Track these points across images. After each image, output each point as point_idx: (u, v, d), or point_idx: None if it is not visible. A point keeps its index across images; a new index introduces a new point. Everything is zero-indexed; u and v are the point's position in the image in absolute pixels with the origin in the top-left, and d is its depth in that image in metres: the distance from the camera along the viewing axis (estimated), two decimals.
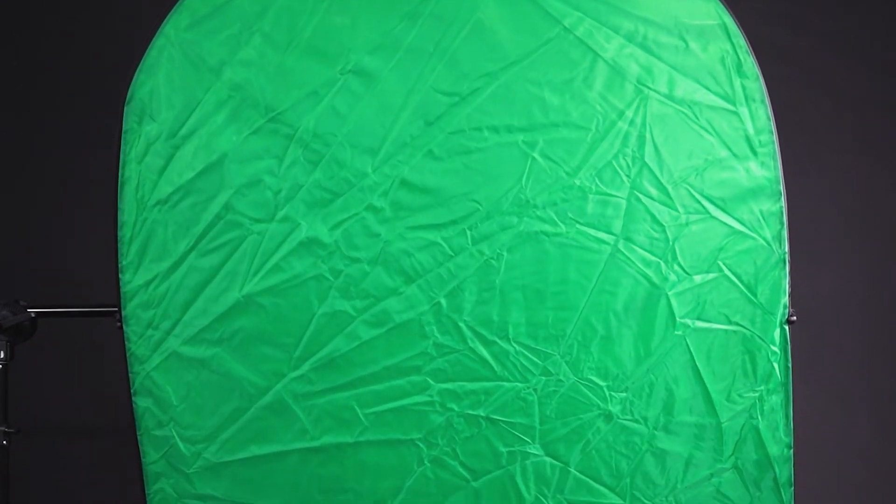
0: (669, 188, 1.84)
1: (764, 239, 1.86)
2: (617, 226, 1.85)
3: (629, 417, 1.90)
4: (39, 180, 2.88)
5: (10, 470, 1.99)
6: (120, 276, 1.88)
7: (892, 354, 2.88)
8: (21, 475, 2.09)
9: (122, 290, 1.88)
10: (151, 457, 1.93)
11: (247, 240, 1.87)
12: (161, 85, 1.85)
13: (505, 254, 1.86)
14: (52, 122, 2.87)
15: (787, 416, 1.90)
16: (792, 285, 1.87)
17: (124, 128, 1.86)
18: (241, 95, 1.85)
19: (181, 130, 1.85)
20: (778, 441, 1.90)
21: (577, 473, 1.91)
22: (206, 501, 1.94)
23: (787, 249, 1.86)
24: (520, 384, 1.89)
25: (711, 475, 1.92)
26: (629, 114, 1.84)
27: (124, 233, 1.87)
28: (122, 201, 1.86)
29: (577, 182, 1.85)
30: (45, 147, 2.88)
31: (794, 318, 1.87)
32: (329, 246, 1.86)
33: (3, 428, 1.96)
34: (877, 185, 2.87)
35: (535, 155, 1.84)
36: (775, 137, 1.84)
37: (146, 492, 1.93)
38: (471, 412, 1.90)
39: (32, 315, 1.98)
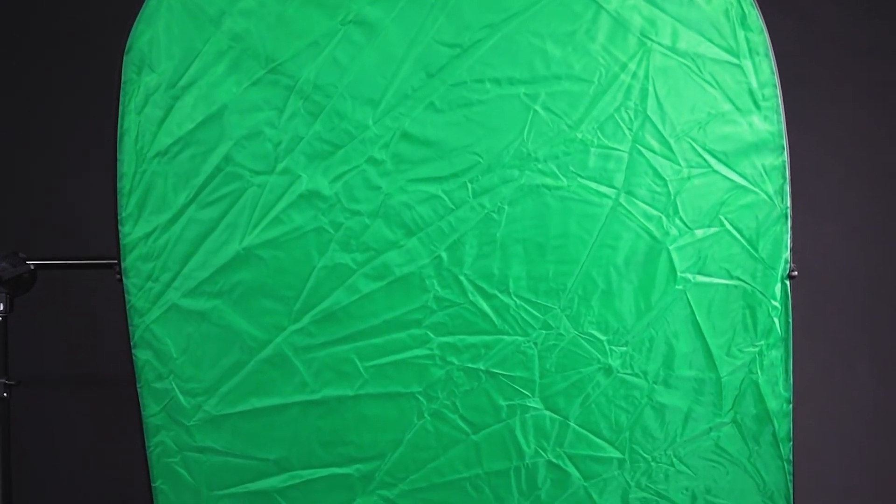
0: (671, 142, 1.84)
1: (766, 193, 1.85)
2: (618, 179, 1.85)
3: (629, 371, 1.90)
4: (38, 131, 2.87)
5: (11, 422, 2.00)
6: (119, 228, 1.87)
7: (893, 309, 2.89)
8: (21, 428, 2.10)
9: (122, 242, 1.87)
10: (151, 409, 1.93)
11: (247, 192, 1.86)
12: (160, 35, 1.84)
13: (506, 207, 1.85)
14: (51, 71, 2.85)
15: (786, 371, 1.90)
16: (793, 240, 1.86)
17: (123, 78, 1.85)
18: (241, 46, 1.83)
19: (180, 81, 1.84)
20: (777, 396, 1.90)
21: (577, 427, 1.92)
22: (206, 454, 1.94)
23: (789, 204, 1.85)
24: (520, 338, 1.89)
25: (710, 429, 1.93)
26: (632, 66, 1.82)
27: (123, 184, 1.86)
28: (122, 153, 1.85)
29: (579, 135, 1.84)
30: (43, 98, 2.86)
31: (796, 272, 1.87)
32: (329, 198, 1.85)
33: (3, 380, 1.97)
34: (880, 139, 2.86)
35: (537, 107, 1.83)
36: (779, 91, 1.83)
37: (146, 444, 1.94)
38: (471, 366, 1.90)
39: (32, 267, 1.98)
